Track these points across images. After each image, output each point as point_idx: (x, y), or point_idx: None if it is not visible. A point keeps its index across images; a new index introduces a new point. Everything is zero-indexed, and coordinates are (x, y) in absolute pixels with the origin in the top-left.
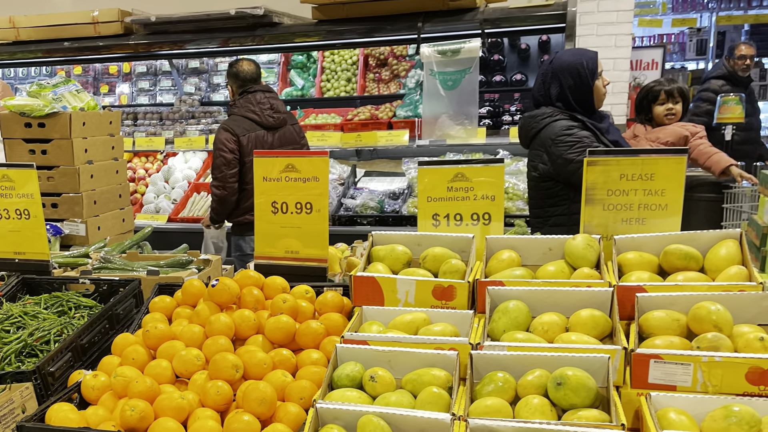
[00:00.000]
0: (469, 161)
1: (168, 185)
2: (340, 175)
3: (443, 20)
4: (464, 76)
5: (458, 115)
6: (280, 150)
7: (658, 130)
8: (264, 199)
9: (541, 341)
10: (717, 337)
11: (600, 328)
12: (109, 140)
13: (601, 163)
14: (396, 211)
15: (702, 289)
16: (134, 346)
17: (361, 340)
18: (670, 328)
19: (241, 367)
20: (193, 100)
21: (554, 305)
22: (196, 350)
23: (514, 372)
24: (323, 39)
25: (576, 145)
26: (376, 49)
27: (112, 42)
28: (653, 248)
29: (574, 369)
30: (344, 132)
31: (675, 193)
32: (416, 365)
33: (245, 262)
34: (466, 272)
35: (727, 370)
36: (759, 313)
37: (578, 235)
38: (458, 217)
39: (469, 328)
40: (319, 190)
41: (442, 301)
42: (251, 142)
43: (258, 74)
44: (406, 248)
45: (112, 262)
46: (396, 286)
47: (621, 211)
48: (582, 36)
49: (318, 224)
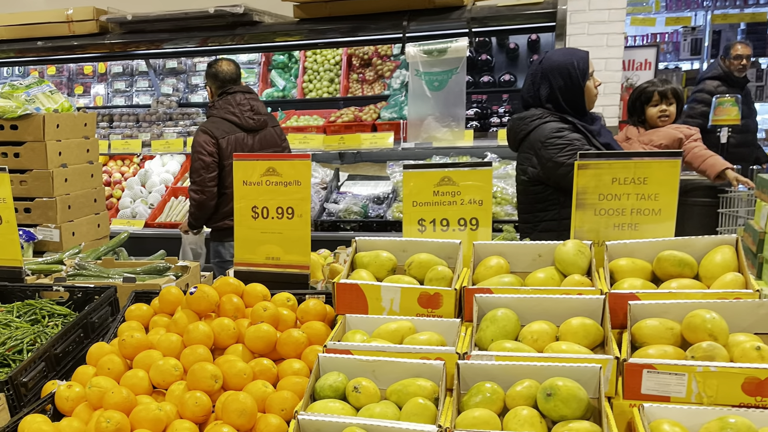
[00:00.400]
0: (456, 164)
1: (145, 189)
2: (323, 179)
3: (429, 19)
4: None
5: (445, 117)
6: (260, 153)
7: (652, 133)
8: (244, 203)
9: (530, 351)
10: (712, 347)
11: (591, 337)
12: (84, 143)
13: (593, 166)
14: (380, 216)
15: (697, 297)
16: (110, 356)
17: (344, 350)
18: (663, 337)
19: (220, 378)
20: (171, 102)
21: (544, 313)
22: (174, 360)
23: (503, 382)
24: (305, 38)
25: (566, 147)
26: (360, 49)
27: (87, 41)
28: (646, 254)
29: (565, 379)
30: (327, 134)
31: (669, 197)
32: (401, 375)
33: (224, 268)
34: (452, 279)
35: (722, 381)
36: (756, 321)
37: (569, 240)
38: (445, 222)
39: (456, 337)
40: (301, 195)
41: (428, 309)
42: (231, 145)
43: (238, 75)
44: (390, 254)
45: (87, 269)
46: (380, 293)
47: (613, 216)
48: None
49: (300, 230)
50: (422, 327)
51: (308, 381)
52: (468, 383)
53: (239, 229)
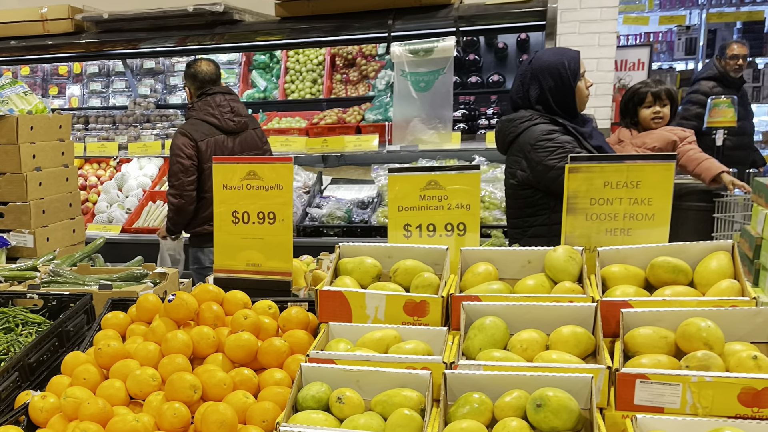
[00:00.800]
0: (443, 168)
1: (121, 193)
2: (305, 183)
3: (415, 17)
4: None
5: (431, 119)
6: (241, 156)
7: (645, 135)
8: (224, 208)
9: (519, 360)
10: (707, 356)
11: (582, 346)
12: (59, 145)
13: (584, 169)
14: (365, 221)
15: (691, 305)
16: (85, 365)
17: (327, 359)
18: (657, 346)
19: (199, 388)
20: (149, 103)
21: (533, 321)
22: (152, 369)
23: (491, 393)
24: (287, 37)
25: (557, 150)
26: (344, 49)
27: (61, 41)
28: (639, 261)
29: (555, 390)
30: (309, 137)
31: (662, 201)
32: (386, 385)
33: (204, 275)
34: (439, 286)
35: (718, 391)
36: (752, 329)
37: (559, 246)
38: (431, 227)
39: (443, 346)
40: (283, 199)
41: (414, 317)
42: (210, 148)
43: (217, 75)
44: (375, 261)
45: (61, 276)
46: (365, 301)
47: (605, 221)
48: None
49: (281, 235)
50: (408, 335)
51: (290, 391)
52: (455, 394)
53: (219, 234)
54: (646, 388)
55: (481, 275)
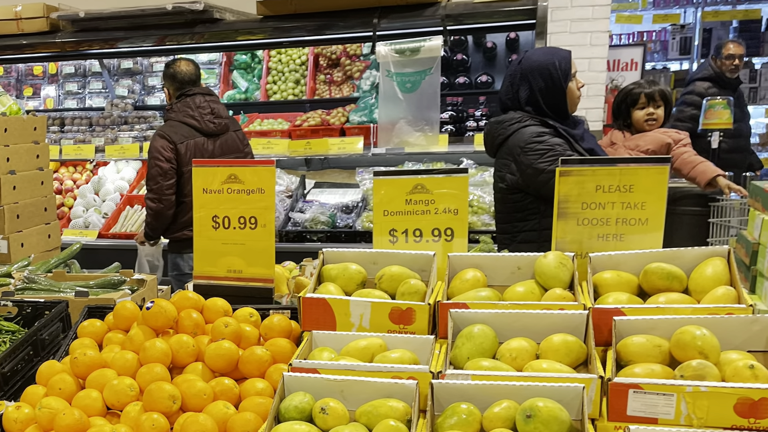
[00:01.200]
0: (430, 171)
1: (98, 198)
2: (288, 187)
3: (401, 16)
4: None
5: (418, 121)
6: (221, 159)
7: (638, 137)
8: (204, 212)
9: (508, 369)
10: (702, 365)
11: (574, 355)
12: (34, 148)
13: (575, 173)
14: (349, 226)
15: (686, 312)
16: (61, 375)
17: (310, 368)
18: (650, 355)
19: (178, 398)
20: (126, 104)
21: (523, 330)
22: (129, 379)
23: (480, 403)
24: (269, 37)
25: (547, 153)
26: (328, 48)
27: (36, 40)
28: (632, 267)
29: (546, 400)
30: (292, 139)
31: (656, 206)
32: (372, 396)
33: (183, 282)
34: (426, 293)
35: (713, 402)
36: (749, 338)
37: (550, 252)
38: (418, 232)
39: (430, 355)
40: (265, 203)
41: (400, 325)
42: (190, 150)
43: (197, 75)
44: (360, 267)
45: (36, 282)
46: (349, 308)
47: (597, 227)
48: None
49: (263, 241)
50: (394, 344)
51: (272, 402)
52: (442, 404)
53: (199, 240)
54: (640, 399)
55: (469, 282)
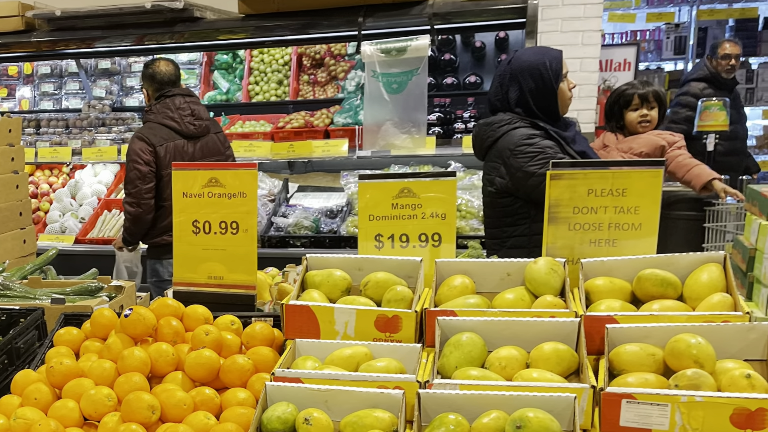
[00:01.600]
0: (417, 175)
1: (75, 202)
2: (270, 191)
3: (387, 14)
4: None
5: (404, 123)
6: (202, 162)
7: (631, 140)
8: (184, 217)
9: (498, 379)
10: (698, 375)
11: (565, 364)
12: (8, 151)
13: (567, 176)
14: (333, 231)
15: (681, 320)
16: (37, 385)
17: (294, 378)
18: (644, 364)
19: (157, 408)
20: (104, 106)
21: (513, 338)
22: (107, 389)
23: (468, 414)
24: (251, 36)
25: (538, 156)
26: (311, 48)
27: (11, 39)
28: (625, 273)
29: (536, 410)
30: (275, 141)
31: (650, 210)
32: (357, 406)
33: (163, 288)
34: (413, 301)
35: (709, 412)
36: (745, 346)
37: (540, 258)
38: (404, 238)
39: (417, 364)
40: (247, 208)
41: (386, 333)
42: (169, 153)
43: (177, 76)
44: (345, 273)
45: (11, 289)
46: (333, 316)
47: (589, 232)
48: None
49: (245, 246)
50: (380, 353)
51: (254, 412)
52: (430, 414)
53: (179, 245)
54: (633, 409)
55: (458, 289)
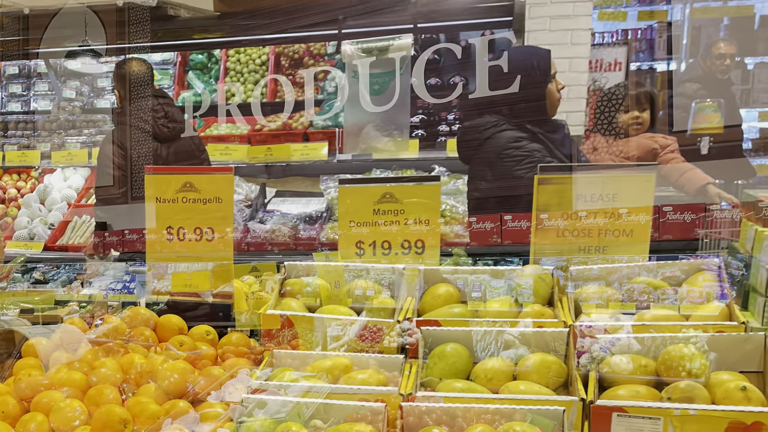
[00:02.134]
0: (400, 179)
1: (44, 207)
2: (247, 196)
3: (369, 13)
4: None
5: (386, 125)
6: (176, 166)
7: (623, 143)
8: (157, 223)
9: (483, 391)
10: (691, 387)
11: (553, 376)
12: None
13: (555, 181)
14: (313, 237)
15: (674, 330)
16: (4, 397)
17: (271, 390)
18: (636, 376)
19: (130, 422)
20: (74, 107)
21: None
22: (77, 402)
23: (453, 428)
24: (227, 35)
25: (525, 160)
26: (290, 47)
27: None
28: (616, 281)
29: (524, 424)
30: (252, 144)
31: (642, 216)
32: (337, 419)
33: None
34: (395, 310)
35: (703, 426)
36: (741, 357)
37: (527, 266)
38: (386, 245)
39: (400, 376)
40: (222, 213)
41: (368, 344)
42: (142, 157)
43: (150, 76)
44: (324, 282)
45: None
46: (313, 325)
47: (578, 238)
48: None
49: (221, 253)
50: (361, 364)
51: (231, 425)
52: (413, 428)
53: (152, 252)
54: (624, 423)
55: (442, 297)
